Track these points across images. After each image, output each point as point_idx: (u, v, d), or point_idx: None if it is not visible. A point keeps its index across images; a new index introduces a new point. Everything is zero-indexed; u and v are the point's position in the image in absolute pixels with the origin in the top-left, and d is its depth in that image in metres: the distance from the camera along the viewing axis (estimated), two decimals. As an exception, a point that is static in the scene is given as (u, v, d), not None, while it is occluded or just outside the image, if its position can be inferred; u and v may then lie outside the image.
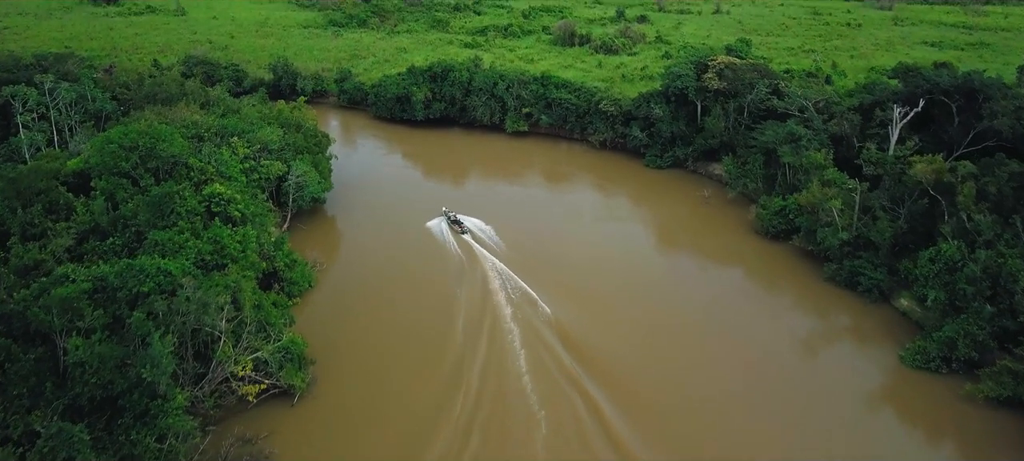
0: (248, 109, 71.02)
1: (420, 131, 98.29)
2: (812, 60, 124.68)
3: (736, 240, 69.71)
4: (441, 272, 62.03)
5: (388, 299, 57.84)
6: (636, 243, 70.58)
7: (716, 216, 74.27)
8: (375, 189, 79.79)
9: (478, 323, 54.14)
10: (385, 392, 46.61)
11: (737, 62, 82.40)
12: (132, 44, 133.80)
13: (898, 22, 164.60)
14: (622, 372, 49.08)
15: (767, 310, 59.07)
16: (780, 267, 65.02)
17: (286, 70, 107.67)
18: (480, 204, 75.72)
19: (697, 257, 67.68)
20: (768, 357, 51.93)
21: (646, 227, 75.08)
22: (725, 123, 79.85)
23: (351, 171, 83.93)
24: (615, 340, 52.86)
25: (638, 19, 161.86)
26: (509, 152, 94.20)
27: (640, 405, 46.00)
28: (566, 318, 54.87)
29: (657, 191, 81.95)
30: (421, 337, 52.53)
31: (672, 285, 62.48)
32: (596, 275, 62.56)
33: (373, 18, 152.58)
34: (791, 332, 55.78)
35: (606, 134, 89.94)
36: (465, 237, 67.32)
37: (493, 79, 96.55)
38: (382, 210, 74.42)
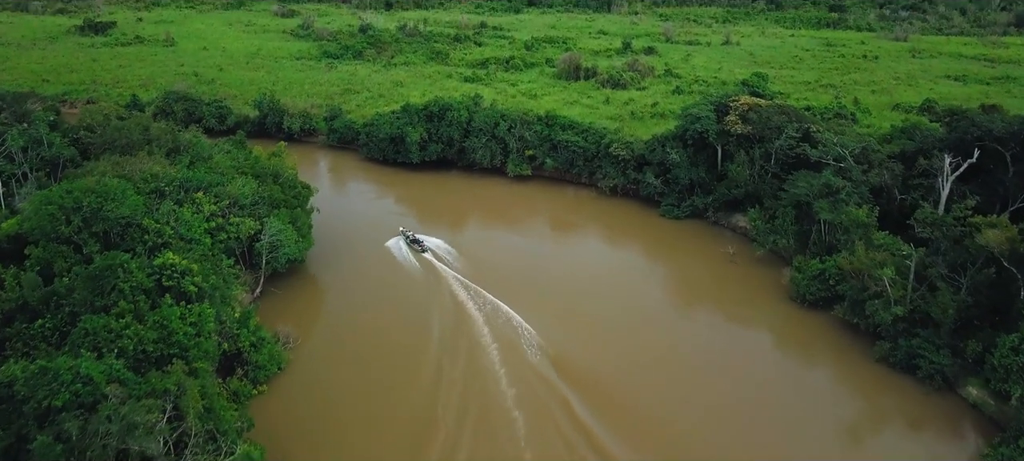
0: (220, 157, 63.50)
1: (415, 174, 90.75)
2: (833, 96, 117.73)
3: (768, 306, 61.66)
4: (431, 341, 54.13)
5: (371, 379, 49.88)
6: (652, 305, 62.81)
7: (743, 277, 66.27)
8: (363, 242, 71.91)
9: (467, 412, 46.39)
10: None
11: (762, 103, 75.02)
12: (114, 77, 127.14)
13: (916, 54, 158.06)
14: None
15: (807, 390, 51.34)
16: (820, 341, 56.93)
17: (272, 107, 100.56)
18: (479, 256, 68.23)
19: (723, 324, 59.70)
20: (807, 443, 44.70)
21: (663, 287, 67.18)
22: (750, 171, 72.21)
23: (338, 221, 76.14)
24: (633, 418, 46.23)
25: (645, 51, 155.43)
26: (511, 198, 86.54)
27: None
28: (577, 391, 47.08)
29: (674, 245, 74.09)
30: (404, 425, 44.83)
31: (695, 357, 54.73)
32: (608, 343, 55.19)
33: (369, 50, 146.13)
34: (836, 418, 48.02)
35: (617, 180, 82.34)
36: (425, 256, 67.88)
37: (494, 119, 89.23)
38: (369, 268, 66.55)
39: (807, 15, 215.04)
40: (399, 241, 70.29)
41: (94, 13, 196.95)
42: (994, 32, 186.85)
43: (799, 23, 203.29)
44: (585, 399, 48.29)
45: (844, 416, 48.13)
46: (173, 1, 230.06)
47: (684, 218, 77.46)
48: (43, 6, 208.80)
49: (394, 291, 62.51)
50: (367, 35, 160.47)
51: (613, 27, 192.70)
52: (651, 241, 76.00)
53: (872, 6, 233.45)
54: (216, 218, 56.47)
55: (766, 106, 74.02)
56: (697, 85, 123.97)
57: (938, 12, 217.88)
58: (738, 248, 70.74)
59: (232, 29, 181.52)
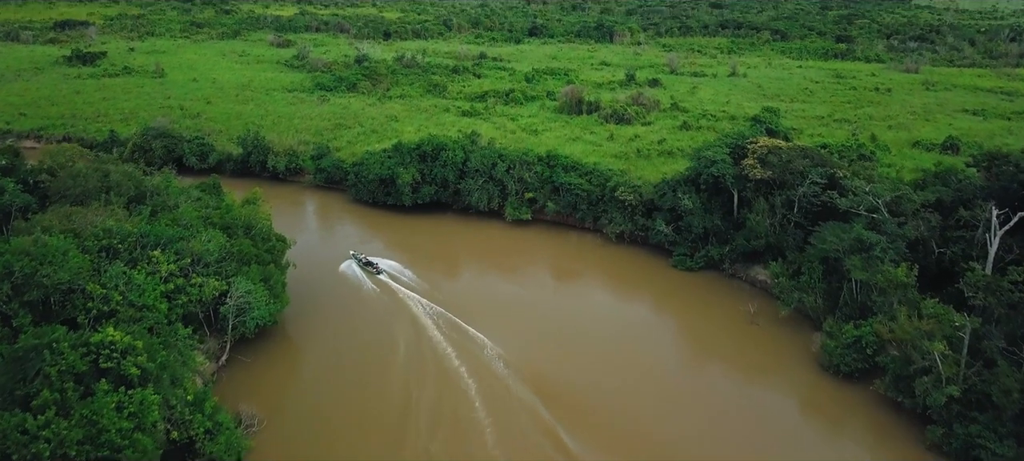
0: (186, 207, 57.32)
1: (406, 218, 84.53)
2: (848, 132, 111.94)
3: (795, 375, 54.90)
4: (421, 417, 47.38)
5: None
6: (661, 367, 56.40)
7: (766, 340, 59.55)
8: (346, 297, 65.48)
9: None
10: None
11: (781, 145, 68.95)
12: (96, 110, 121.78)
13: (929, 87, 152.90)
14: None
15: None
16: (858, 419, 50.09)
17: (256, 144, 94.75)
18: (473, 307, 62.07)
19: (744, 394, 52.85)
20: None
21: (674, 347, 60.55)
22: (770, 220, 65.89)
23: (320, 272, 69.82)
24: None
25: (649, 83, 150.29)
26: (509, 243, 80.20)
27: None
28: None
29: (688, 299, 67.49)
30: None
31: (711, 431, 48.20)
32: (614, 410, 49.06)
33: (364, 82, 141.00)
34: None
35: (623, 226, 76.04)
36: (381, 277, 67.80)
37: (491, 159, 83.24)
38: (351, 326, 59.94)
39: (813, 45, 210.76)
40: (351, 264, 70.67)
41: (86, 43, 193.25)
42: (1007, 64, 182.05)
43: (806, 54, 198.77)
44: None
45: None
46: (168, 31, 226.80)
47: (698, 270, 70.97)
48: (34, 35, 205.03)
49: (378, 352, 55.88)
50: (362, 66, 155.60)
51: (615, 58, 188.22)
52: (661, 294, 69.49)
53: (879, 37, 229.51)
54: (175, 279, 50.07)
55: (787, 148, 67.93)
56: (705, 120, 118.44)
57: (947, 43, 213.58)
58: (759, 306, 64.07)
59: (225, 60, 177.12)
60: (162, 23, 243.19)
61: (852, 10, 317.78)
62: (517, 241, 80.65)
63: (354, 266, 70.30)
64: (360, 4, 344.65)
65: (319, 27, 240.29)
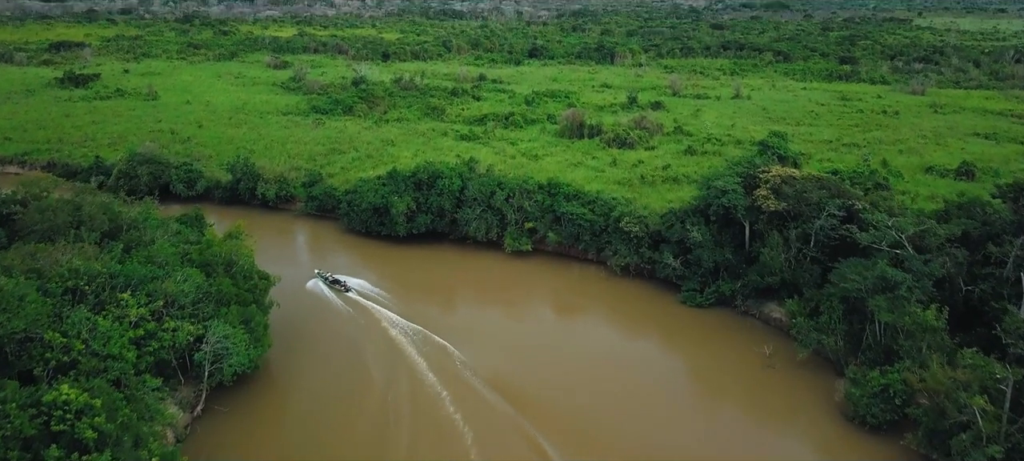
0: (162, 243, 53.57)
1: (401, 249, 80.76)
2: (858, 157, 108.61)
3: (818, 426, 50.78)
4: None
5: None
6: (670, 413, 52.17)
7: (784, 385, 55.52)
8: (333, 335, 61.55)
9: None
10: None
11: (796, 174, 65.37)
12: (84, 134, 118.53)
13: (937, 109, 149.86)
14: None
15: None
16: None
17: (246, 171, 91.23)
18: (469, 342, 58.24)
19: (763, 448, 48.94)
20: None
21: (685, 391, 56.49)
22: (785, 255, 62.10)
23: (307, 308, 66.05)
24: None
25: (652, 105, 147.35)
26: (508, 276, 76.37)
27: None
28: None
29: (697, 339, 63.52)
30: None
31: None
32: (619, 455, 45.80)
33: (360, 104, 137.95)
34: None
35: (629, 258, 72.24)
36: (350, 295, 67.65)
37: (490, 187, 79.65)
38: (338, 371, 55.93)
39: (817, 67, 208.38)
40: (317, 283, 70.17)
41: (80, 65, 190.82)
42: (1015, 86, 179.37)
43: (809, 75, 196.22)
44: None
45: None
46: (165, 52, 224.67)
47: (708, 306, 67.03)
48: (28, 57, 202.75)
49: (366, 400, 51.88)
50: (359, 89, 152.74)
51: (617, 80, 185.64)
52: (669, 332, 65.56)
53: (882, 58, 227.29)
54: (146, 323, 46.21)
55: (801, 178, 64.36)
56: (710, 144, 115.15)
57: (952, 64, 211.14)
58: (775, 346, 60.08)
59: (221, 81, 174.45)
60: (159, 44, 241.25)
61: (853, 31, 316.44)
62: (517, 273, 76.85)
63: (320, 284, 70.02)
64: (359, 25, 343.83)
65: (317, 48, 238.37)
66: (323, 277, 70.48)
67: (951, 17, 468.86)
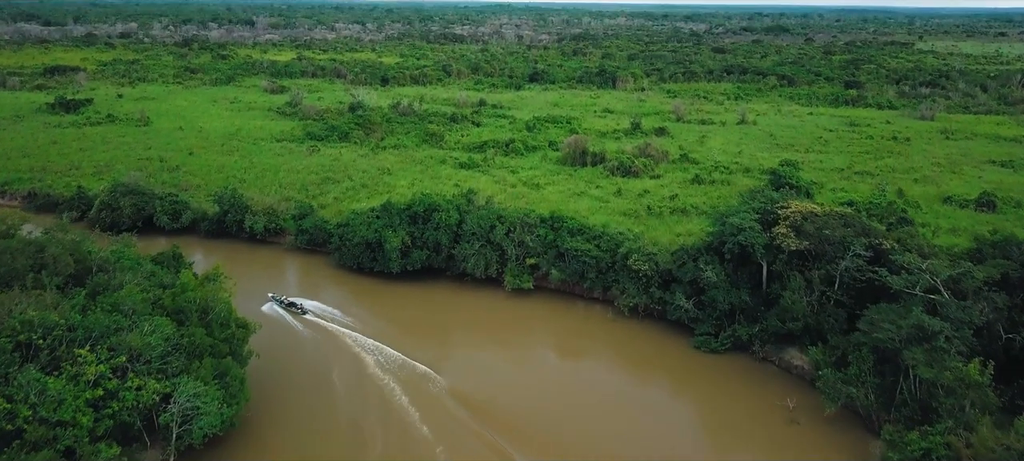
0: (130, 288, 49.05)
1: (395, 286, 76.16)
2: (872, 186, 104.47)
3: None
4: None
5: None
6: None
7: (811, 444, 50.63)
8: (321, 386, 56.80)
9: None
10: None
11: (817, 211, 60.96)
12: (70, 162, 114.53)
13: (949, 135, 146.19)
14: None
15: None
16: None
17: (234, 202, 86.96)
18: (466, 386, 53.15)
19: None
20: None
21: (701, 448, 51.55)
22: (807, 298, 57.52)
23: (289, 351, 61.36)
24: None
25: (656, 132, 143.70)
26: (507, 316, 71.68)
27: None
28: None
29: (713, 388, 58.70)
30: None
31: None
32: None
33: (357, 131, 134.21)
34: None
35: (637, 299, 67.62)
36: (307, 316, 67.40)
37: (489, 221, 75.32)
38: (328, 428, 51.13)
39: (822, 92, 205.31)
40: (272, 305, 69.29)
41: (73, 89, 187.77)
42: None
43: (815, 100, 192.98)
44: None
45: None
46: (161, 76, 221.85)
47: (724, 351, 62.31)
48: (22, 81, 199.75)
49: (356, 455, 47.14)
50: (356, 114, 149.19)
51: (619, 105, 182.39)
52: (682, 379, 60.81)
53: (887, 82, 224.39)
54: (106, 382, 41.56)
55: (823, 214, 59.97)
56: (718, 173, 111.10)
57: (959, 89, 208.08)
58: (798, 397, 55.29)
59: (215, 106, 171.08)
60: (156, 69, 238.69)
61: (856, 55, 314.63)
62: (517, 312, 72.20)
63: (276, 307, 69.05)
64: (359, 49, 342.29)
65: (315, 73, 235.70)
66: (278, 300, 69.51)
67: (952, 40, 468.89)
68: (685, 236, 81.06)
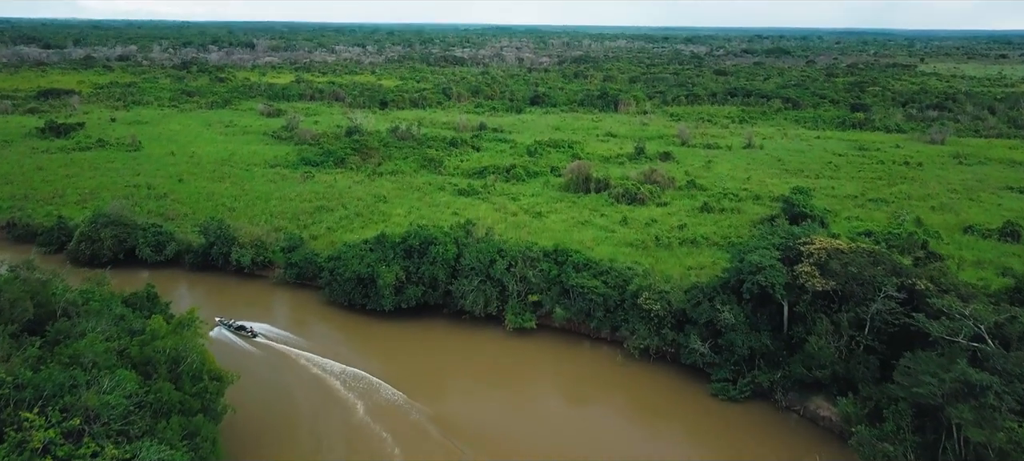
0: (92, 337, 44.45)
1: (388, 324, 71.44)
2: (889, 215, 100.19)
3: None
4: None
5: None
6: None
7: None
8: (302, 438, 51.95)
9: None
10: None
11: (844, 247, 56.47)
12: (54, 190, 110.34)
13: (961, 160, 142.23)
14: None
15: None
16: None
17: (220, 234, 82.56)
18: (462, 433, 48.41)
19: None
20: None
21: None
22: (835, 344, 52.84)
23: (276, 402, 56.57)
24: None
25: (660, 156, 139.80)
26: (507, 356, 66.86)
27: None
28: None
29: (733, 441, 53.75)
30: None
31: None
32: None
33: (353, 156, 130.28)
34: None
35: (649, 340, 62.88)
36: (258, 339, 66.07)
37: (489, 255, 70.85)
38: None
39: (828, 114, 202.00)
40: (221, 330, 67.79)
41: (66, 113, 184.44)
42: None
43: (821, 123, 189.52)
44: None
45: None
46: (157, 99, 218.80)
47: (743, 399, 57.46)
48: (15, 105, 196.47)
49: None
50: (353, 139, 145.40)
51: (622, 129, 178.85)
52: (698, 430, 55.88)
53: (894, 105, 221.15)
54: (57, 448, 36.79)
55: (850, 251, 55.47)
56: (727, 200, 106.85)
57: (967, 112, 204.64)
58: (827, 453, 50.42)
59: (210, 130, 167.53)
60: (152, 92, 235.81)
61: (859, 77, 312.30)
62: (519, 353, 67.40)
63: (224, 332, 67.38)
64: (359, 71, 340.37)
65: (313, 96, 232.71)
66: (226, 324, 68.09)
67: (953, 62, 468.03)
68: (697, 270, 76.66)
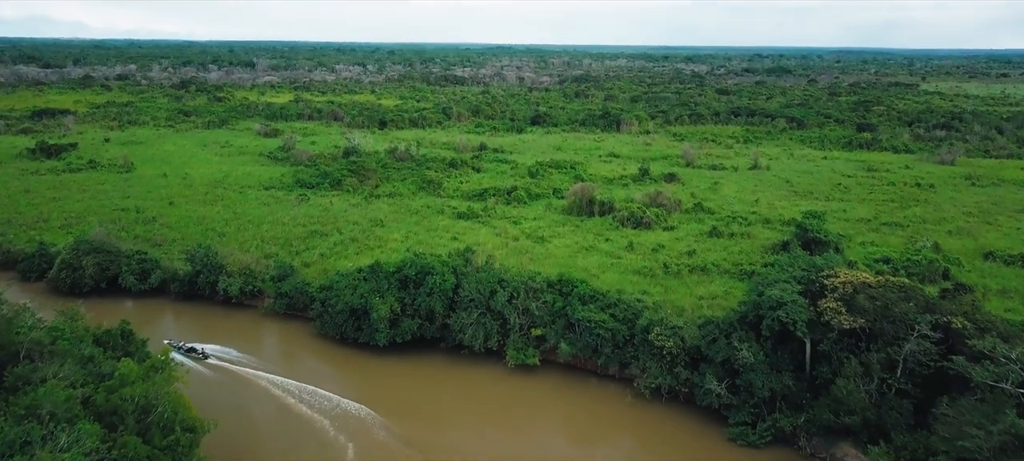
0: (52, 387, 40.39)
1: (382, 360, 67.29)
2: (905, 239, 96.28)
3: None
4: None
5: None
6: None
7: None
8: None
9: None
10: None
11: (871, 281, 52.50)
12: (40, 213, 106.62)
13: (974, 182, 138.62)
14: None
15: None
16: None
17: (208, 261, 78.70)
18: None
19: None
20: None
21: None
22: (865, 387, 48.71)
23: (242, 436, 52.38)
24: None
25: (665, 177, 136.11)
26: (508, 395, 62.64)
27: None
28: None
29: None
30: None
31: None
32: None
33: (350, 178, 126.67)
34: None
35: (661, 379, 58.73)
36: (210, 360, 65.66)
37: (489, 285, 66.87)
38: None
39: (834, 134, 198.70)
40: (173, 354, 65.38)
41: (59, 133, 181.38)
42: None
43: (828, 143, 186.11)
44: None
45: None
46: (153, 119, 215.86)
47: (764, 445, 53.21)
48: (8, 125, 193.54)
49: None
50: (350, 160, 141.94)
51: (624, 149, 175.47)
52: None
53: (900, 124, 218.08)
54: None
55: (878, 285, 51.49)
56: (736, 224, 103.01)
57: (975, 131, 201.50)
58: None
59: (205, 151, 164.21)
60: (149, 111, 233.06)
61: (862, 96, 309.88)
62: (520, 392, 63.20)
63: (175, 355, 63.79)
64: (359, 91, 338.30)
65: (312, 115, 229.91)
66: (176, 346, 66.50)
67: (955, 81, 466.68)
68: (708, 300, 72.63)
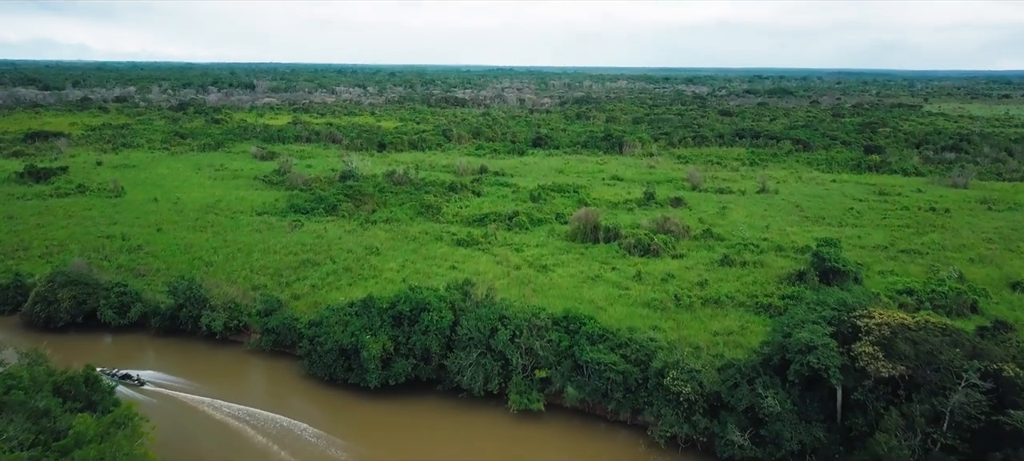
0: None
1: (373, 403, 62.34)
2: (925, 268, 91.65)
3: None
4: None
5: None
6: None
7: None
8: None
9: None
10: None
11: (910, 322, 47.79)
12: (21, 241, 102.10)
13: (990, 206, 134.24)
14: None
15: None
16: None
17: (191, 294, 74.06)
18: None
19: None
20: None
21: None
22: (907, 442, 43.83)
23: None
24: None
25: (672, 202, 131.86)
26: (509, 445, 57.50)
27: None
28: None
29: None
30: None
31: None
32: None
33: (346, 203, 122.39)
34: None
35: (677, 428, 53.79)
36: (145, 387, 64.30)
37: (490, 323, 62.13)
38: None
39: (841, 156, 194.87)
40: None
41: (51, 156, 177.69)
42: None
43: (836, 166, 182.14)
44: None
45: None
46: (148, 142, 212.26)
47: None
48: (0, 148, 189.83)
49: None
50: (347, 184, 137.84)
51: (628, 172, 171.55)
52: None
53: (907, 146, 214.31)
54: None
55: (918, 327, 46.79)
56: (748, 252, 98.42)
57: (984, 154, 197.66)
58: None
59: (199, 174, 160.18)
60: (145, 133, 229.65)
61: (866, 118, 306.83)
62: (523, 439, 58.17)
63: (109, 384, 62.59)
64: (358, 113, 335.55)
65: (310, 137, 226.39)
66: (108, 374, 63.66)
67: (957, 102, 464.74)
68: (724, 336, 67.98)
